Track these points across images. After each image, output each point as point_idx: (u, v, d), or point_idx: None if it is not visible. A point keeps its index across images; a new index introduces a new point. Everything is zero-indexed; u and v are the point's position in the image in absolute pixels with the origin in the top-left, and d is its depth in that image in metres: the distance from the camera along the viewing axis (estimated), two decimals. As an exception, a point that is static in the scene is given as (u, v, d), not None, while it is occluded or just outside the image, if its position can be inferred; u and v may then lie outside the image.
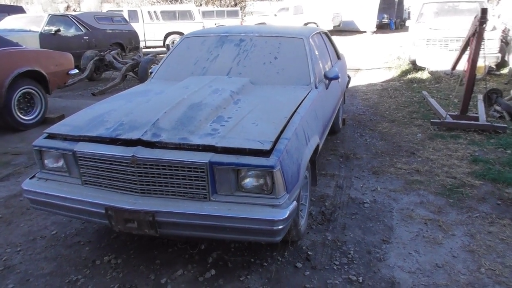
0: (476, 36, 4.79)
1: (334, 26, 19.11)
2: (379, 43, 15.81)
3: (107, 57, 8.07)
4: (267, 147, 2.17)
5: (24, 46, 5.36)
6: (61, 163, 2.50)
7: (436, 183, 3.68)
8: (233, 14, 17.28)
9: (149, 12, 13.32)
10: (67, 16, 9.01)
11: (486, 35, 8.39)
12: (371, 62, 11.10)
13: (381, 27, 21.65)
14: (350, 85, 8.14)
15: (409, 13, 21.80)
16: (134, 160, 2.23)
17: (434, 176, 3.82)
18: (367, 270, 2.52)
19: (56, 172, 2.54)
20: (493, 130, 4.95)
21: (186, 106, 2.64)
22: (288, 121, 2.53)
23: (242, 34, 3.73)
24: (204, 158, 2.17)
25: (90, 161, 2.37)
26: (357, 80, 8.72)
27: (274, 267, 2.54)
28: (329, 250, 2.73)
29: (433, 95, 6.84)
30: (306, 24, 19.02)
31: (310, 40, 3.67)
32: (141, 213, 2.21)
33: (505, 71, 8.63)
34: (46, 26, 8.32)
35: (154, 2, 23.33)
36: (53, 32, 8.31)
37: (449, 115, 5.36)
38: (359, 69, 10.18)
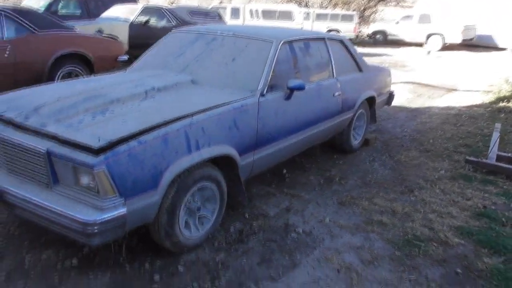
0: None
1: (463, 40, 16.89)
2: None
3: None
4: (96, 145, 2.06)
5: (77, 30, 6.00)
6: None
7: (400, 229, 3.04)
8: (348, 18, 16.64)
9: (250, 11, 13.64)
10: (161, 9, 9.76)
11: None
12: (475, 83, 9.61)
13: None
14: (424, 105, 7.25)
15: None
16: (-2, 138, 2.34)
17: (407, 221, 3.17)
18: (215, 304, 2.23)
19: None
20: (547, 183, 3.88)
21: (86, 96, 2.66)
22: (164, 124, 2.35)
23: (217, 33, 3.58)
24: (44, 145, 2.16)
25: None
26: (440, 101, 7.64)
27: (129, 270, 2.42)
28: (200, 272, 2.48)
29: (514, 131, 5.63)
30: (429, 35, 17.32)
31: (283, 45, 3.33)
32: (-6, 189, 2.31)
33: None
34: (138, 16, 9.14)
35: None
36: (142, 22, 9.10)
37: (498, 154, 4.36)
38: (454, 90, 8.89)
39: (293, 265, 2.60)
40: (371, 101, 4.75)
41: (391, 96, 5.31)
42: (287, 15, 14.21)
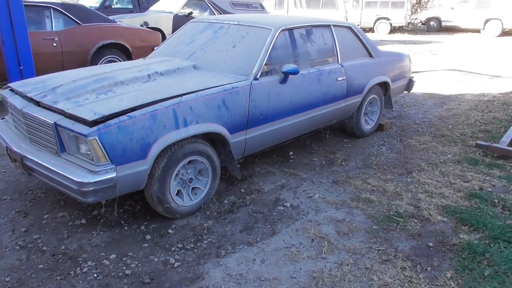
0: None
1: (525, 25, 15.84)
2: None
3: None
4: (91, 118, 2.44)
5: (118, 23, 6.53)
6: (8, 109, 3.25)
7: (385, 207, 3.18)
8: (399, 5, 16.16)
9: (294, 0, 13.70)
10: (204, 1, 10.17)
11: None
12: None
13: None
14: (457, 92, 7.06)
15: None
16: (20, 113, 2.80)
17: (395, 200, 3.28)
18: (195, 262, 2.53)
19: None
20: (560, 169, 3.78)
21: (96, 78, 3.05)
22: (154, 102, 2.68)
23: (224, 22, 3.85)
24: (52, 119, 2.57)
25: (10, 108, 3.06)
26: (477, 88, 7.38)
27: (127, 230, 2.81)
28: (187, 235, 2.80)
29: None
30: (487, 20, 16.36)
31: (282, 32, 3.54)
32: (17, 155, 2.77)
33: None
34: (182, 8, 9.62)
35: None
36: (186, 14, 9.56)
37: (512, 140, 4.28)
38: (498, 77, 8.51)
39: (272, 233, 2.85)
40: (385, 87, 4.82)
41: (410, 82, 5.30)
42: (331, 4, 14.11)
